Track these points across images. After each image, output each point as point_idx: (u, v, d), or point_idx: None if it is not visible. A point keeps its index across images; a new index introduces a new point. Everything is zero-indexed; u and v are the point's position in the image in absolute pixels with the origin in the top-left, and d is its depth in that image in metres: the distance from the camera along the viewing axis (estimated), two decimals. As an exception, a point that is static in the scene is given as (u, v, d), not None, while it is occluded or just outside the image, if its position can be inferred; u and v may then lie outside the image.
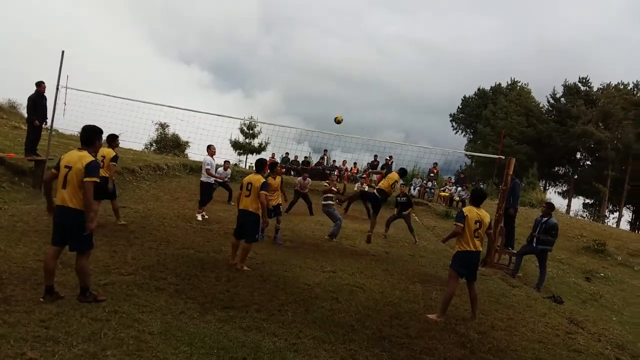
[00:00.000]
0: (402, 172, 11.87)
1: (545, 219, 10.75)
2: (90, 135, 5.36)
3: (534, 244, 10.73)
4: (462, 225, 6.73)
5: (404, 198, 13.41)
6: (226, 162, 16.81)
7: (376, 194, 11.04)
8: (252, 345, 4.73)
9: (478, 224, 6.76)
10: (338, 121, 12.35)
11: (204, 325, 5.07)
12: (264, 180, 7.78)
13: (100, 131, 5.53)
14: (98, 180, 5.18)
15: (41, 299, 5.05)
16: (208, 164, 12.05)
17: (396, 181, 11.19)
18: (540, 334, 6.80)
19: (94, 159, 5.21)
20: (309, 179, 15.64)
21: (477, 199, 7.06)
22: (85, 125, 5.44)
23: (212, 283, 6.70)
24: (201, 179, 12.32)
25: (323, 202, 12.20)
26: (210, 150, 12.21)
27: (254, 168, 8.32)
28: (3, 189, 10.36)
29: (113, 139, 9.51)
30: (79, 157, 5.15)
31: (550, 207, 11.21)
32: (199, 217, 11.82)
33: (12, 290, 5.21)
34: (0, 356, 3.74)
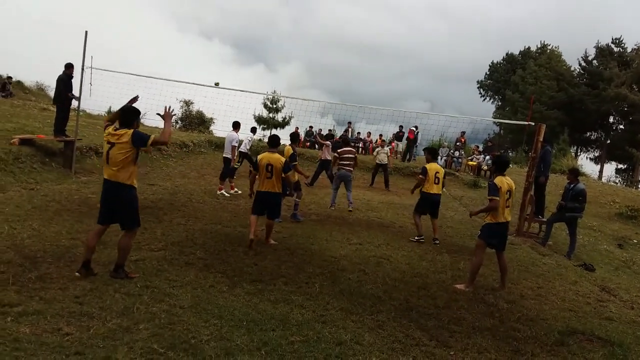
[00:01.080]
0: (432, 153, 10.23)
1: (572, 185, 10.51)
2: (130, 117, 5.44)
3: (563, 212, 10.51)
4: (498, 199, 6.51)
5: None
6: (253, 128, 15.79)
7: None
8: (281, 317, 4.80)
9: (508, 193, 6.65)
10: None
11: (233, 299, 5.16)
12: (285, 159, 7.63)
13: (139, 112, 5.65)
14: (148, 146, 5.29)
15: (76, 273, 5.21)
16: (235, 141, 12.26)
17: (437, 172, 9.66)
18: (571, 303, 6.70)
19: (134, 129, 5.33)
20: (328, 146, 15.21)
21: (503, 166, 6.88)
22: (124, 107, 5.53)
23: (240, 257, 6.79)
24: (225, 155, 12.46)
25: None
26: (237, 128, 12.44)
27: (268, 145, 7.99)
28: (34, 170, 10.63)
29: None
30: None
31: (574, 172, 10.93)
32: (226, 194, 11.95)
33: (47, 268, 5.39)
34: (37, 331, 3.88)
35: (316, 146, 24.74)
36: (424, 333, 4.91)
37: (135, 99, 5.93)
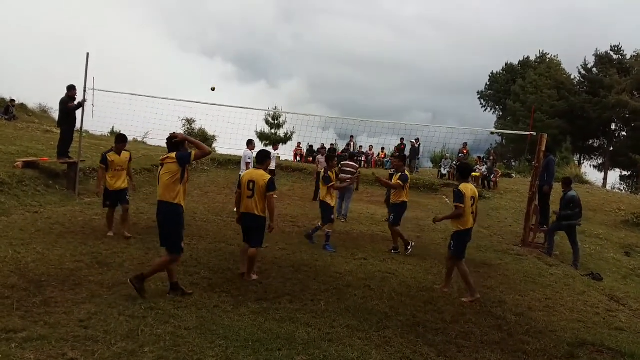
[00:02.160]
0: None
1: (564, 193, 10.71)
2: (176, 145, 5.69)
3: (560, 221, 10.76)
4: (463, 206, 6.66)
5: None
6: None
7: None
8: (287, 337, 4.76)
9: (472, 200, 6.82)
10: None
11: (238, 319, 5.12)
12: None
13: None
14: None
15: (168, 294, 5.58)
16: (249, 158, 12.55)
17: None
18: (579, 313, 6.64)
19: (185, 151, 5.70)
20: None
21: (465, 173, 7.20)
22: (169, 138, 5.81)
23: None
24: (240, 173, 12.63)
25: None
26: (251, 145, 12.91)
27: (255, 162, 7.28)
28: (38, 193, 10.65)
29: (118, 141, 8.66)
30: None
31: (566, 182, 11.18)
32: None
33: (52, 292, 5.37)
34: (42, 357, 3.85)
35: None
36: (431, 349, 4.86)
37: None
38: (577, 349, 5.25)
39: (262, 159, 6.91)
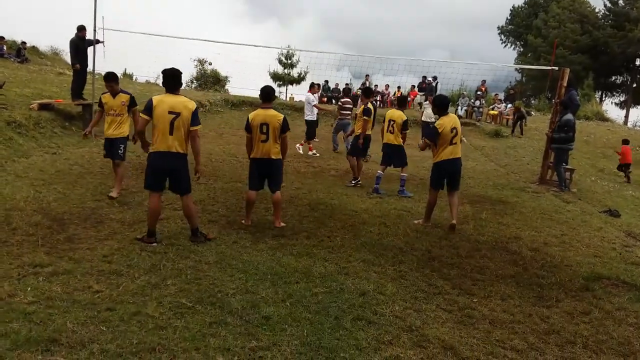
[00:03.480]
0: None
1: (560, 115, 10.58)
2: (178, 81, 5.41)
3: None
4: (430, 143, 6.99)
5: None
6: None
7: None
8: (304, 270, 4.86)
9: (454, 130, 6.84)
10: None
11: (256, 254, 5.23)
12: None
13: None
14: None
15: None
16: (313, 101, 13.05)
17: None
18: (595, 249, 6.64)
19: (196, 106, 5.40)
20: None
21: (442, 107, 7.08)
22: (167, 70, 5.32)
23: (262, 214, 6.85)
24: (306, 118, 13.14)
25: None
26: (314, 89, 13.32)
27: (261, 99, 6.23)
28: (55, 135, 10.75)
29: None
30: (184, 105, 5.23)
31: (563, 104, 10.76)
32: (310, 152, 12.77)
33: (75, 229, 5.51)
34: (69, 290, 3.99)
35: (333, 101, 24.49)
36: (446, 282, 4.93)
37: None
38: (593, 282, 5.28)
39: (270, 96, 6.25)
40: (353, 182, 9.40)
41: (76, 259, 4.66)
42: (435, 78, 23.26)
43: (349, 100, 13.41)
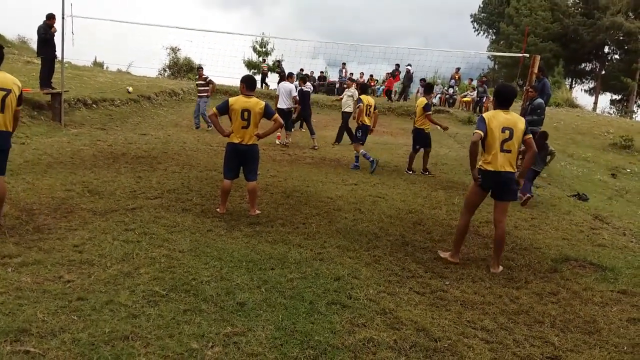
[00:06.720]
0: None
1: (532, 99, 10.51)
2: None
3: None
4: (482, 133, 4.89)
5: None
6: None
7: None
8: (279, 257, 4.87)
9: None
10: None
11: (231, 241, 5.21)
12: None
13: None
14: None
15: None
16: (294, 91, 12.52)
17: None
18: (564, 231, 6.83)
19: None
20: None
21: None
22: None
23: (237, 202, 6.82)
24: (281, 107, 12.42)
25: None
26: (292, 78, 12.81)
27: (245, 87, 6.13)
28: (24, 124, 10.46)
29: None
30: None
31: (535, 89, 10.44)
32: (277, 141, 12.63)
33: (44, 219, 5.39)
34: (39, 280, 3.92)
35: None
36: (419, 266, 5.01)
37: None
38: (561, 264, 5.44)
39: (254, 84, 6.42)
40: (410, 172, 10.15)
41: (46, 249, 4.57)
42: (410, 65, 23.38)
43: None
